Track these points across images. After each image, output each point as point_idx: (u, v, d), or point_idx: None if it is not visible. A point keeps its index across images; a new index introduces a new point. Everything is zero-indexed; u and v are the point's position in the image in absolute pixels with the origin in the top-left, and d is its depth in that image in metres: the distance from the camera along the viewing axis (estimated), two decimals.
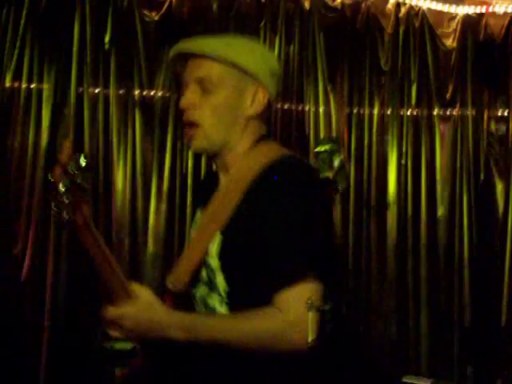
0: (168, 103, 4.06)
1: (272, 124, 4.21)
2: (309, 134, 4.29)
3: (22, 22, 3.90)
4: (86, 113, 3.95)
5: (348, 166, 3.89)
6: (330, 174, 2.49)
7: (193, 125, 1.86)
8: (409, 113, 4.49)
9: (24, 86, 3.88)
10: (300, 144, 4.26)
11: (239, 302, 1.82)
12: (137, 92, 4.04)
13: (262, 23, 4.24)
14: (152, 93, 4.07)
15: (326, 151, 2.46)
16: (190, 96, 1.87)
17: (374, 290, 4.35)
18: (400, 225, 4.38)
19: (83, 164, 1.65)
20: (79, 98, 3.96)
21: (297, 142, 4.26)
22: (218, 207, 1.88)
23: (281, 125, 4.27)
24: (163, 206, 3.98)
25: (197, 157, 4.04)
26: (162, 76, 4.07)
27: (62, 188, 1.64)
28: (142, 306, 1.76)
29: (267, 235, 1.76)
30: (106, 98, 4.00)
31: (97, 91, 4.00)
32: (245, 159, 1.90)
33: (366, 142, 4.40)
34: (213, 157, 1.94)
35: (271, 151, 1.91)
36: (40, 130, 3.86)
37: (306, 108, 4.31)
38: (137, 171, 3.96)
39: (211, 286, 1.86)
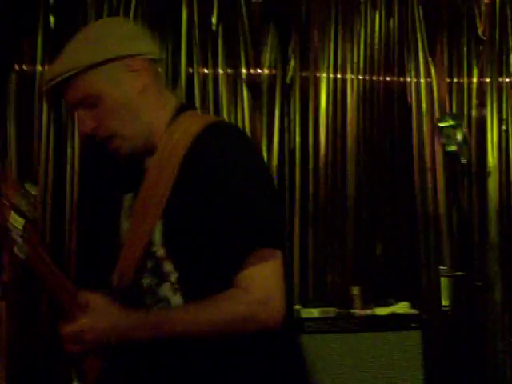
0: (274, 80, 4.20)
1: (374, 97, 4.32)
2: (411, 105, 4.39)
3: (133, 4, 4.08)
4: (197, 92, 4.12)
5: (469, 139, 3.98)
6: (454, 148, 2.58)
7: (109, 139, 1.75)
8: (507, 80, 4.54)
9: None
10: (402, 115, 4.36)
11: (193, 287, 1.69)
12: (244, 70, 4.18)
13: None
14: (259, 70, 4.20)
15: (449, 126, 2.53)
16: (85, 122, 1.76)
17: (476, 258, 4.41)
18: (502, 192, 4.44)
19: (33, 192, 1.62)
20: (189, 78, 4.12)
21: (399, 114, 4.36)
22: (151, 191, 1.74)
23: (383, 97, 4.37)
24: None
25: (304, 132, 4.17)
26: (268, 54, 4.20)
27: (12, 227, 1.60)
28: (97, 314, 1.65)
29: (214, 211, 1.64)
30: (215, 78, 4.16)
31: (206, 71, 4.16)
32: (169, 135, 1.76)
33: (465, 110, 4.47)
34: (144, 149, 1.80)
35: (195, 120, 1.78)
36: None
37: (408, 80, 4.40)
38: None
39: (160, 275, 1.72)
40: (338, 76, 4.24)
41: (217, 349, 1.66)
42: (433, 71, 4.40)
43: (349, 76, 4.25)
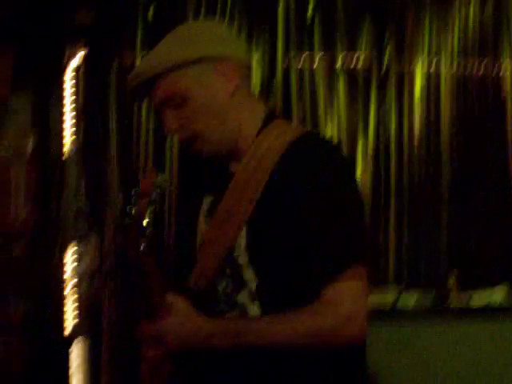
0: (371, 67, 4.25)
1: (469, 86, 4.33)
2: (506, 93, 4.38)
3: None
4: (293, 84, 4.20)
5: None
6: None
7: (192, 140, 1.74)
8: None
9: None
10: (497, 104, 4.36)
11: (272, 297, 1.67)
12: (340, 61, 4.24)
13: None
14: (354, 61, 4.26)
15: None
16: (170, 121, 1.74)
17: None
18: None
19: (166, 182, 1.71)
20: (286, 71, 4.21)
21: (494, 103, 4.36)
22: (237, 197, 1.71)
23: (478, 86, 4.36)
24: (369, 168, 4.20)
25: (400, 120, 4.22)
26: (363, 44, 4.26)
27: (145, 221, 1.63)
28: (181, 318, 1.62)
29: (306, 223, 1.62)
30: (311, 70, 4.23)
31: (302, 63, 4.23)
32: (259, 142, 1.73)
33: None
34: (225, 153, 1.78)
35: (287, 128, 1.76)
36: None
37: (503, 66, 4.38)
38: (343, 135, 4.19)
39: (239, 281, 1.70)
40: (433, 66, 4.26)
41: (294, 359, 1.64)
42: None
43: (443, 65, 4.27)
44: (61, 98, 4.05)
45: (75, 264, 4.03)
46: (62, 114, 4.06)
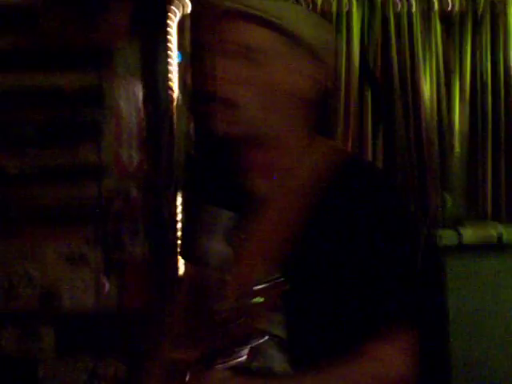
0: (466, 12, 4.35)
1: None
2: None
3: None
4: (391, 24, 4.31)
5: None
6: None
7: (230, 104, 1.45)
8: None
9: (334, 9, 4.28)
10: None
11: (303, 347, 1.47)
12: (436, 7, 4.35)
13: None
14: (450, 5, 4.37)
15: None
16: (232, 66, 1.46)
17: None
18: None
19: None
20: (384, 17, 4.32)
21: None
22: (266, 226, 1.46)
23: None
24: (466, 108, 4.33)
25: (495, 62, 4.33)
26: None
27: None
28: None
29: (360, 267, 1.42)
30: (409, 15, 4.33)
31: (399, 7, 4.34)
32: (297, 160, 1.49)
33: None
34: (246, 151, 1.52)
35: (336, 153, 1.54)
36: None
37: None
38: (440, 78, 4.31)
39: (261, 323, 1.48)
40: None
41: None
42: None
43: None
44: (169, 46, 4.16)
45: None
46: (170, 62, 4.17)
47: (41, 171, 3.57)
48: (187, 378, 1.41)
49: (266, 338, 1.44)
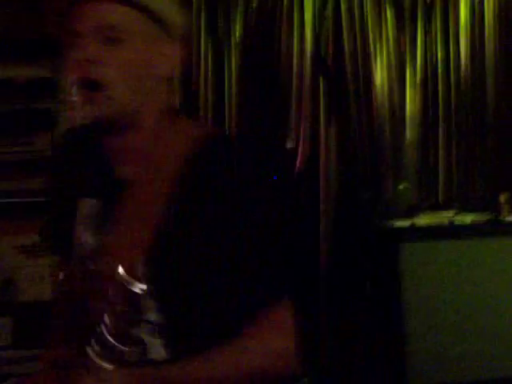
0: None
1: None
2: None
3: None
4: (343, 11, 4.31)
5: None
6: None
7: (94, 85, 1.42)
8: None
9: None
10: None
11: (180, 331, 1.44)
12: None
13: None
14: None
15: None
16: (93, 47, 1.42)
17: None
18: None
19: None
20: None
21: None
22: (131, 211, 1.45)
23: None
24: (417, 96, 4.36)
25: (446, 48, 4.37)
26: None
27: None
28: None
29: (228, 251, 1.41)
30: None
31: None
32: (159, 141, 1.48)
33: None
34: (107, 136, 1.48)
35: (194, 128, 1.54)
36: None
37: None
38: (392, 65, 4.34)
39: (135, 313, 1.40)
40: None
41: None
42: None
43: None
44: None
45: None
46: None
47: None
48: (69, 377, 1.37)
49: (141, 325, 1.41)
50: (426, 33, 4.36)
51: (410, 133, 4.37)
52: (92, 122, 1.44)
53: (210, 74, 4.26)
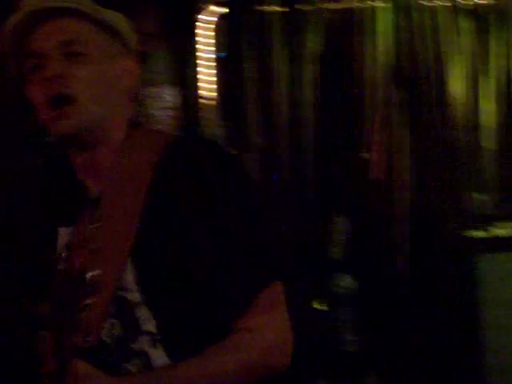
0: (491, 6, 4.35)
1: None
2: None
3: None
4: (417, 24, 4.33)
5: None
6: None
7: (64, 100, 1.42)
8: None
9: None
10: None
11: (178, 336, 1.42)
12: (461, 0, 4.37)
13: None
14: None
15: None
16: (56, 64, 1.43)
17: None
18: None
19: None
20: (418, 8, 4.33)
21: None
22: (112, 225, 1.42)
23: None
24: (494, 105, 4.33)
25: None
26: None
27: None
28: None
29: (203, 244, 1.40)
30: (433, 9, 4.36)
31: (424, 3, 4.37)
32: (127, 153, 1.48)
33: None
34: (77, 150, 1.49)
35: (156, 135, 1.56)
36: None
37: None
38: (468, 74, 4.33)
39: (131, 324, 1.42)
40: None
41: None
42: None
43: None
44: (196, 49, 4.24)
45: None
46: (199, 64, 4.25)
47: None
48: None
49: (140, 337, 1.40)
50: (501, 42, 4.34)
51: (487, 142, 4.34)
52: (64, 136, 1.45)
53: (285, 85, 4.32)
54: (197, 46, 4.27)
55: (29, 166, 1.59)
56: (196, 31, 4.25)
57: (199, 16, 4.25)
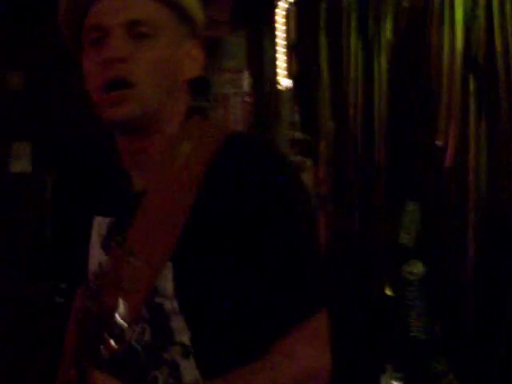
0: None
1: None
2: None
3: None
4: (496, 12, 4.29)
5: None
6: None
7: (124, 84, 1.34)
8: None
9: None
10: None
11: (211, 350, 1.35)
12: None
13: None
14: None
15: None
16: (120, 44, 1.35)
17: None
18: None
19: None
20: None
21: None
22: (154, 226, 1.33)
23: None
24: None
25: None
26: None
27: None
28: None
29: (253, 259, 1.30)
30: None
31: None
32: (180, 144, 1.38)
33: None
34: (127, 139, 1.41)
35: (216, 132, 1.43)
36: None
37: None
38: None
39: (165, 333, 1.35)
40: None
41: None
42: None
43: None
44: (274, 36, 4.32)
45: None
46: (275, 51, 4.33)
47: None
48: None
49: (172, 347, 1.35)
50: None
51: None
52: (117, 123, 1.38)
53: (359, 74, 4.36)
54: (275, 32, 4.35)
55: (81, 146, 1.55)
56: (273, 18, 4.33)
57: (277, 2, 4.32)
